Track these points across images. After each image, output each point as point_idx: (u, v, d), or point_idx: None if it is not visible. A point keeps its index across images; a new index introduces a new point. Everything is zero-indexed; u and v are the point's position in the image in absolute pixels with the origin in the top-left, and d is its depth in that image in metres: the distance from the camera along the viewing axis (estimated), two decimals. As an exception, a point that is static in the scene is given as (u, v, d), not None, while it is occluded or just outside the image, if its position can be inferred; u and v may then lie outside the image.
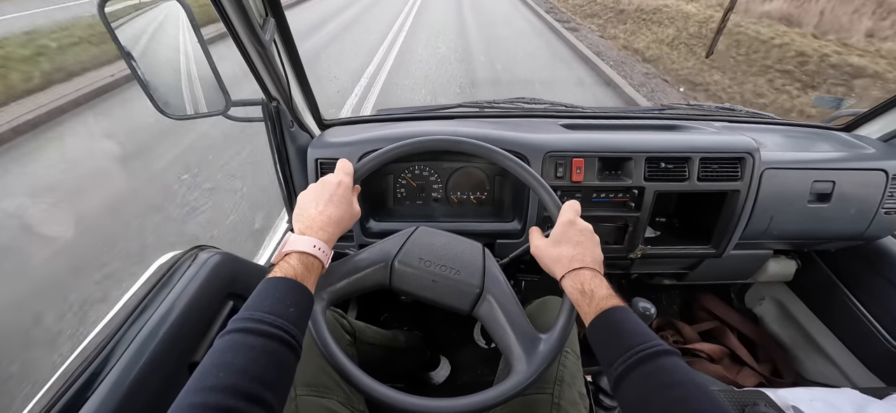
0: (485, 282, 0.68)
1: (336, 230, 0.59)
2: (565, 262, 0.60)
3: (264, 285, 0.48)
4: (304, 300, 0.49)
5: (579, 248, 0.61)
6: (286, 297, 0.47)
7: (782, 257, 1.34)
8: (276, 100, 0.84)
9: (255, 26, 0.65)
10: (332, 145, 0.97)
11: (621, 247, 1.09)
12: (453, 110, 1.19)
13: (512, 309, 0.67)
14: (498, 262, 0.84)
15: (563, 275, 0.60)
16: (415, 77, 5.07)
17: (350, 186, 0.65)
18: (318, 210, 0.58)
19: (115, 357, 0.52)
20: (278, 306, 0.45)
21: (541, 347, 0.62)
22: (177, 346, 0.57)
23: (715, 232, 1.09)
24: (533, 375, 0.59)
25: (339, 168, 0.66)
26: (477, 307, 0.67)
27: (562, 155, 0.96)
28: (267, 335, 0.42)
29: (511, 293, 0.69)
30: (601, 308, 0.54)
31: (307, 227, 0.57)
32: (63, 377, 0.49)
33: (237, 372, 0.38)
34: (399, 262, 0.68)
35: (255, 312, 0.44)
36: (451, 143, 0.74)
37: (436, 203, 1.12)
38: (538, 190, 0.72)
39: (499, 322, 0.65)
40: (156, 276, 0.64)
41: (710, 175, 1.00)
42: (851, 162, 1.07)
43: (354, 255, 0.69)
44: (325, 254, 0.55)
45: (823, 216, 1.07)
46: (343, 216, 0.61)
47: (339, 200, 0.61)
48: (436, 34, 7.52)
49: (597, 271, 0.59)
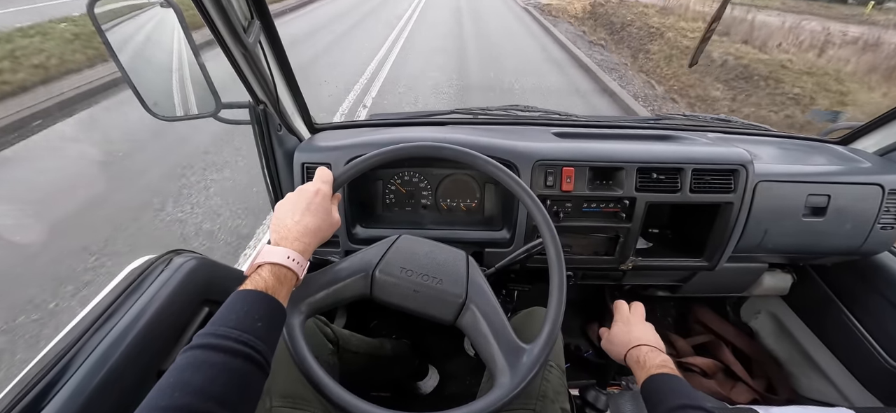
0: (468, 291, 0.67)
1: (313, 240, 0.58)
2: (627, 342, 0.75)
3: (233, 299, 0.47)
4: (275, 313, 0.48)
5: (637, 330, 0.77)
6: (254, 310, 0.46)
7: (777, 271, 1.32)
8: (264, 103, 0.83)
9: (238, 28, 0.64)
10: (320, 150, 0.96)
11: (612, 258, 1.07)
12: (446, 116, 1.19)
13: (495, 319, 0.65)
14: (485, 272, 0.83)
15: (627, 352, 0.74)
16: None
17: (328, 195, 0.64)
18: (295, 220, 0.57)
19: (77, 364, 0.50)
20: (245, 321, 0.44)
21: (524, 358, 0.60)
22: (145, 352, 0.56)
23: (708, 245, 1.08)
24: (516, 388, 0.58)
25: (317, 176, 0.65)
26: (460, 317, 0.66)
27: (552, 163, 0.96)
28: (230, 352, 0.41)
29: (495, 303, 0.68)
30: (650, 373, 0.66)
31: (282, 238, 0.56)
32: (19, 385, 0.47)
33: (193, 391, 0.37)
34: (380, 271, 0.66)
35: (220, 327, 0.43)
36: (433, 150, 0.73)
37: (425, 210, 1.11)
38: (524, 198, 0.71)
39: (482, 333, 0.64)
40: (126, 280, 0.62)
41: (702, 187, 0.99)
42: (847, 176, 1.06)
43: (334, 265, 0.68)
44: (300, 265, 0.54)
45: (818, 230, 1.05)
46: (321, 225, 0.60)
47: (317, 209, 0.60)
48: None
49: (654, 348, 0.72)
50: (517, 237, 1.00)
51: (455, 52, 7.01)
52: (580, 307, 1.60)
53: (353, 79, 5.09)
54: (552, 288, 0.66)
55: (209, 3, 0.59)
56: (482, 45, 7.77)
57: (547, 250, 0.68)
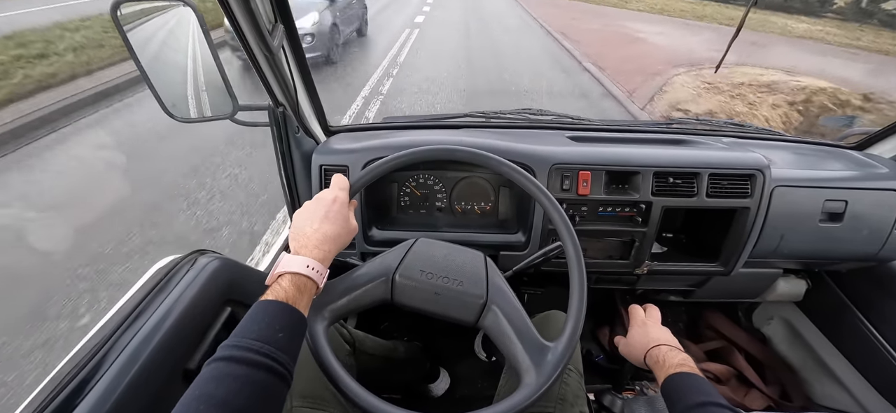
0: (489, 292, 0.66)
1: (332, 247, 0.58)
2: (646, 343, 0.76)
3: (255, 309, 0.47)
4: (296, 323, 0.49)
5: (654, 331, 0.78)
6: (275, 321, 0.46)
7: (792, 277, 1.31)
8: (283, 105, 0.84)
9: (264, 32, 0.65)
10: (337, 152, 0.96)
11: (627, 262, 1.07)
12: (459, 119, 1.19)
13: (518, 319, 0.65)
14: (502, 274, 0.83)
15: (646, 352, 0.75)
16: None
17: (346, 202, 0.64)
18: (314, 228, 0.58)
19: (108, 362, 0.51)
20: (267, 332, 0.44)
21: (549, 357, 0.60)
22: (172, 352, 0.56)
23: (723, 249, 1.07)
24: (543, 386, 0.57)
25: (333, 183, 0.65)
26: (482, 318, 0.66)
27: (568, 167, 0.95)
28: (252, 364, 0.42)
29: (516, 303, 0.68)
30: (670, 372, 0.66)
31: (302, 246, 0.56)
32: (53, 383, 0.48)
33: (217, 404, 0.38)
34: (400, 275, 0.66)
35: (242, 339, 0.43)
36: (450, 153, 0.73)
37: (439, 213, 1.11)
38: (543, 201, 0.71)
39: (505, 333, 0.64)
40: (153, 280, 0.63)
41: (719, 191, 0.98)
42: (864, 181, 1.05)
43: (354, 271, 0.68)
44: (320, 273, 0.55)
45: (835, 236, 1.04)
46: (339, 233, 0.60)
47: (335, 217, 0.60)
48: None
49: (673, 347, 0.73)
50: (533, 240, 1.00)
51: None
52: (591, 312, 1.58)
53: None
54: (573, 287, 0.65)
55: (236, 7, 0.59)
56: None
57: (567, 252, 0.68)
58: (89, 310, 2.01)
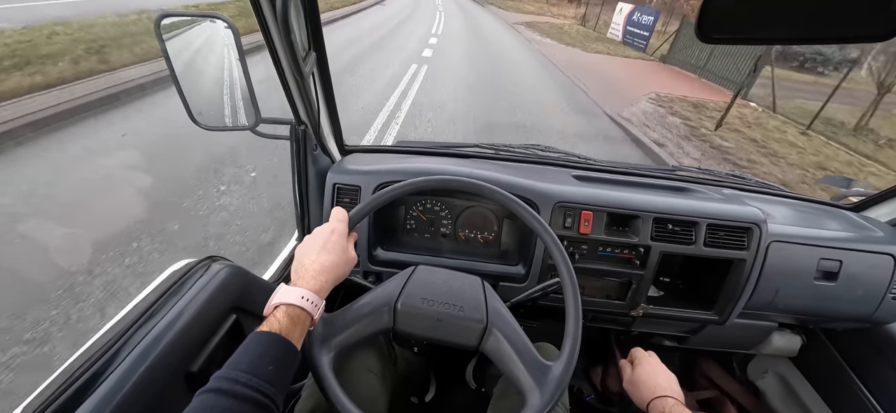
0: (488, 316, 0.69)
1: (330, 277, 0.60)
2: (653, 389, 0.77)
3: (249, 341, 0.50)
4: (287, 355, 0.50)
5: (663, 380, 0.78)
6: (266, 353, 0.48)
7: (787, 331, 1.31)
8: (305, 124, 0.88)
9: (299, 58, 0.69)
10: (351, 172, 1.00)
11: (623, 303, 1.08)
12: (469, 150, 1.23)
13: (518, 341, 0.67)
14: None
15: (651, 400, 0.75)
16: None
17: (344, 233, 0.67)
18: (311, 259, 0.60)
19: (120, 358, 0.52)
20: (257, 364, 0.47)
21: (550, 375, 0.63)
22: (178, 354, 0.58)
23: (719, 298, 1.09)
24: (548, 404, 0.60)
25: (332, 216, 0.68)
26: (483, 342, 0.68)
27: (571, 206, 0.98)
28: (240, 397, 0.44)
29: (515, 325, 0.70)
30: None
31: (299, 278, 0.59)
32: (64, 375, 0.50)
33: None
34: (402, 304, 0.68)
35: (232, 371, 0.45)
36: (461, 184, 0.76)
37: (444, 238, 1.14)
38: (545, 238, 0.74)
39: (507, 354, 0.66)
40: (168, 282, 0.65)
41: (716, 242, 1.01)
42: (860, 243, 1.07)
43: (356, 302, 0.70)
44: (314, 304, 0.56)
45: (830, 295, 1.06)
46: (337, 262, 0.62)
47: (332, 247, 0.63)
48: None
49: (679, 402, 0.73)
50: (532, 274, 1.02)
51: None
52: (584, 350, 1.58)
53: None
54: (568, 309, 0.68)
55: (275, 34, 0.64)
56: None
57: (564, 287, 0.70)
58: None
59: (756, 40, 0.65)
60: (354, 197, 1.00)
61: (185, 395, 0.59)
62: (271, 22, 0.62)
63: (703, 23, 0.63)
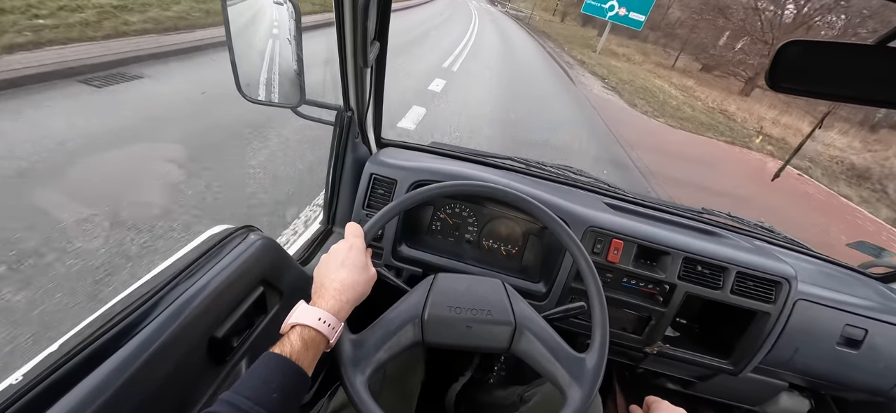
0: (516, 317, 0.68)
1: (351, 296, 0.59)
2: None
3: (259, 363, 0.49)
4: (295, 382, 0.50)
5: None
6: (273, 380, 0.48)
7: (796, 393, 1.29)
8: (352, 111, 0.88)
9: (367, 46, 0.69)
10: (389, 166, 1.00)
11: (639, 338, 1.07)
12: (502, 161, 1.22)
13: (548, 338, 0.68)
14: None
15: None
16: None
17: (362, 249, 0.65)
18: (330, 278, 0.59)
19: (154, 314, 0.52)
20: (261, 390, 0.46)
21: (585, 366, 0.64)
22: (205, 318, 0.58)
23: (736, 349, 1.07)
24: (588, 397, 0.61)
25: (348, 232, 0.67)
26: (515, 344, 0.67)
27: (603, 233, 0.97)
28: None
29: (543, 322, 0.70)
30: None
31: (319, 298, 0.58)
32: (99, 321, 0.50)
33: None
34: (429, 314, 0.67)
35: (237, 396, 0.45)
36: (501, 194, 0.77)
37: (467, 245, 1.13)
38: (580, 261, 0.73)
39: (540, 352, 0.66)
40: (207, 245, 0.65)
41: (743, 291, 0.99)
42: (887, 315, 1.05)
43: (382, 319, 0.69)
44: (332, 327, 0.55)
45: (850, 363, 1.04)
46: (357, 280, 0.61)
47: (352, 265, 0.62)
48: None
49: None
50: (553, 294, 1.01)
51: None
52: None
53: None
54: (594, 308, 0.70)
55: (349, 21, 0.64)
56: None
57: (591, 300, 0.72)
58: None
59: (825, 95, 0.64)
60: (389, 190, 0.99)
61: (206, 360, 0.59)
62: (349, 5, 0.62)
63: (776, 72, 0.63)
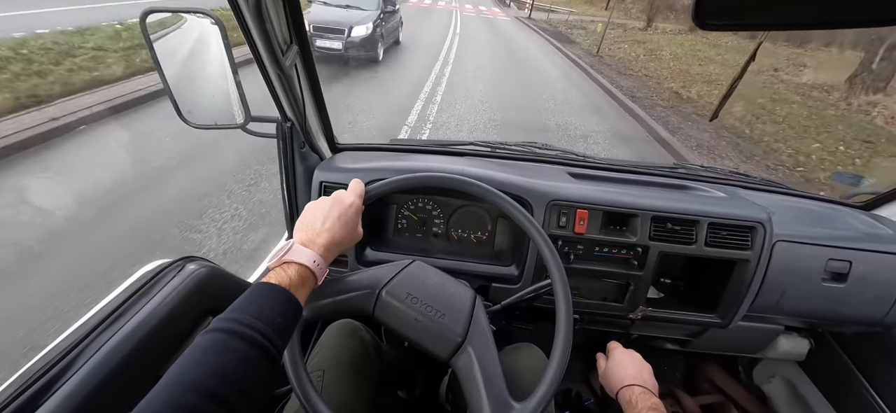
0: (469, 332, 0.65)
1: (336, 249, 0.59)
2: (621, 379, 0.77)
3: (258, 289, 0.48)
4: (295, 312, 0.49)
5: (632, 369, 0.78)
6: (277, 306, 0.47)
7: (794, 334, 1.27)
8: (291, 120, 0.87)
9: (277, 51, 0.68)
10: (339, 170, 0.98)
11: (621, 305, 1.05)
12: (464, 148, 1.21)
13: (490, 368, 0.63)
14: (490, 308, 0.82)
15: (619, 390, 0.76)
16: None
17: (360, 209, 0.65)
18: (325, 226, 0.59)
19: (81, 362, 0.50)
20: (267, 313, 0.45)
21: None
22: (147, 356, 0.56)
23: (721, 301, 1.05)
24: None
25: (351, 189, 0.67)
26: (455, 357, 0.64)
27: (566, 205, 0.96)
28: (250, 341, 0.42)
29: (494, 351, 0.66)
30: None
31: (309, 241, 0.57)
32: (21, 379, 0.48)
33: (216, 374, 0.38)
34: (387, 292, 0.66)
35: (243, 315, 0.43)
36: (463, 184, 0.74)
37: (435, 238, 1.12)
38: (536, 238, 0.71)
39: (474, 378, 0.61)
40: (138, 283, 0.63)
41: (718, 242, 0.97)
42: (870, 243, 1.03)
43: (344, 276, 0.68)
44: (321, 271, 0.55)
45: (838, 297, 1.02)
46: (346, 237, 0.61)
47: (347, 222, 0.61)
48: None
49: (647, 390, 0.73)
50: (526, 275, 0.99)
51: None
52: (584, 352, 1.54)
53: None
54: (556, 342, 0.64)
55: (253, 27, 0.62)
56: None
57: (556, 296, 0.68)
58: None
59: (759, 26, 0.61)
60: None
61: None
62: (247, 13, 0.61)
63: (701, 7, 0.60)
